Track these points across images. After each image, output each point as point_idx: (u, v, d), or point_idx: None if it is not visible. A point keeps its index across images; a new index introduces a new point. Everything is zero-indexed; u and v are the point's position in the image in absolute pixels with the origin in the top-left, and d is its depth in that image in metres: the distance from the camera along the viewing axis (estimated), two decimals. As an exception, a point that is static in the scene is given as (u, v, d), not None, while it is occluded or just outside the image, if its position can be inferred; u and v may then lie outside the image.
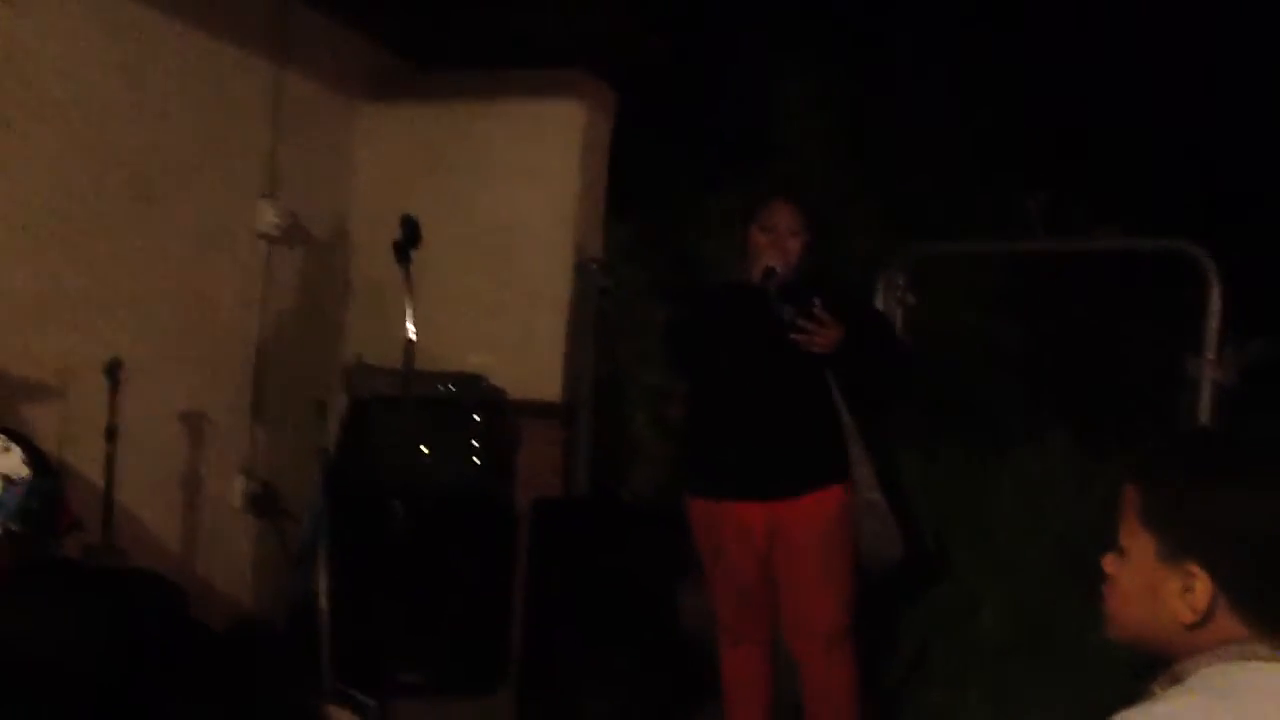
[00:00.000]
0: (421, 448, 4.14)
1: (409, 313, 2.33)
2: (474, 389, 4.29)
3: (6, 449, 2.48)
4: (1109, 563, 1.29)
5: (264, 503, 4.21)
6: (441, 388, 4.21)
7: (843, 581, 3.15)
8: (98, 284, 3.64)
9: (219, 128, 4.03)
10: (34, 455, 2.52)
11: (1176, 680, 1.21)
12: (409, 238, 2.37)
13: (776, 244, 3.16)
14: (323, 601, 3.75)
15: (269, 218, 4.14)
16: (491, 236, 4.51)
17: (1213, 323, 3.26)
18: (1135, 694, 3.20)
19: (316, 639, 3.73)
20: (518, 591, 4.12)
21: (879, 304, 4.21)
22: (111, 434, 3.33)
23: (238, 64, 4.07)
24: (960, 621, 3.63)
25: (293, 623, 4.09)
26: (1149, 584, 1.24)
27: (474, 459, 4.22)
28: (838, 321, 3.05)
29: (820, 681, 3.20)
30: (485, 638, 4.17)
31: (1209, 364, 3.24)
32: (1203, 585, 1.20)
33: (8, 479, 2.45)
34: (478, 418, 4.25)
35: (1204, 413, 3.24)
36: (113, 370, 3.36)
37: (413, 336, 2.33)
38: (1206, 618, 1.20)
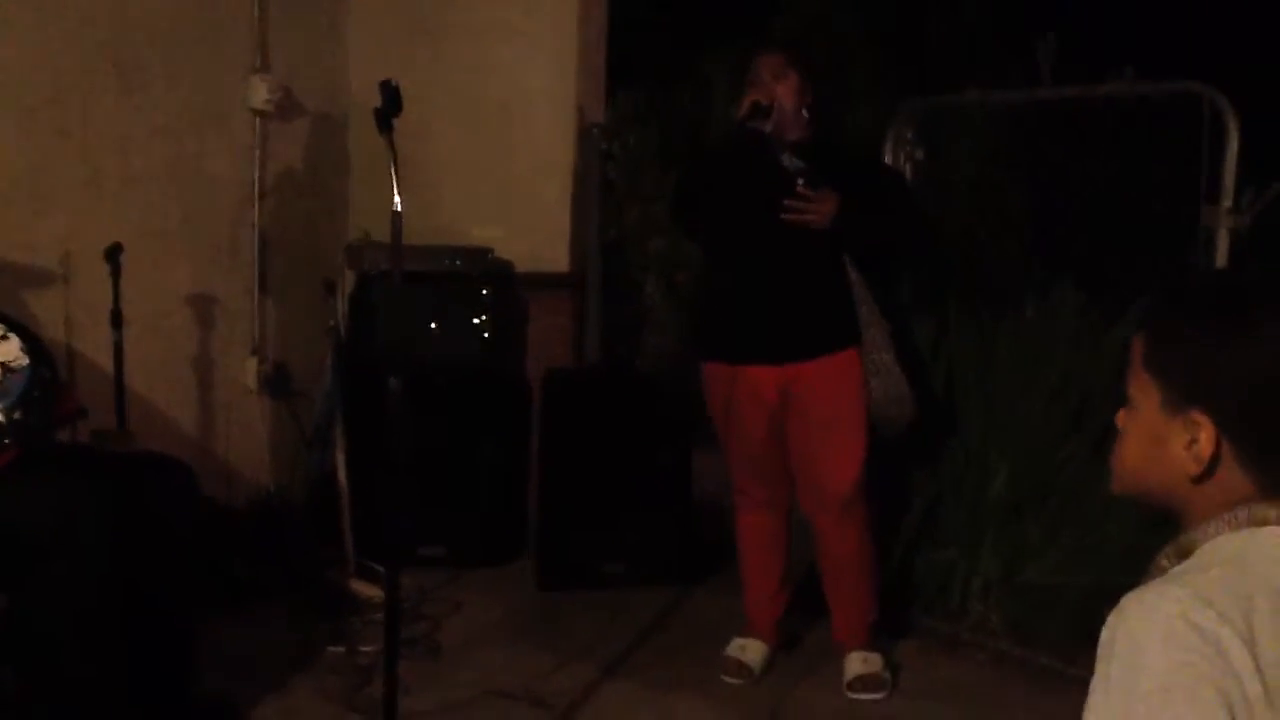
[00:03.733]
0: (431, 323, 4.14)
1: (394, 184, 2.28)
2: (481, 262, 4.26)
3: (4, 337, 2.48)
4: (1120, 417, 1.26)
5: (277, 382, 4.24)
6: (448, 262, 4.18)
7: (855, 443, 3.15)
8: (93, 169, 3.60)
9: (205, 3, 3.92)
10: (32, 343, 2.51)
11: (1184, 552, 1.18)
12: (389, 104, 2.31)
13: (762, 91, 3.08)
14: (341, 478, 3.80)
15: (262, 93, 4.05)
16: (492, 106, 4.41)
17: (1229, 169, 3.17)
18: (1141, 546, 3.22)
19: (336, 515, 3.81)
20: (532, 462, 4.16)
21: (887, 159, 4.12)
22: (117, 319, 3.33)
23: (221, -65, 3.94)
24: (970, 479, 3.64)
25: (312, 500, 4.16)
26: (1154, 434, 1.21)
27: (483, 333, 4.22)
28: (832, 192, 3.01)
29: (835, 542, 3.24)
30: (502, 509, 4.23)
31: (1225, 212, 3.16)
32: (1206, 434, 1.16)
33: (6, 367, 2.45)
34: (486, 291, 4.22)
35: (1220, 263, 3.17)
36: (113, 255, 3.34)
37: (398, 208, 2.28)
38: (1211, 469, 1.17)
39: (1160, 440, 1.20)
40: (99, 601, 2.40)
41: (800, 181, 3.04)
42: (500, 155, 4.42)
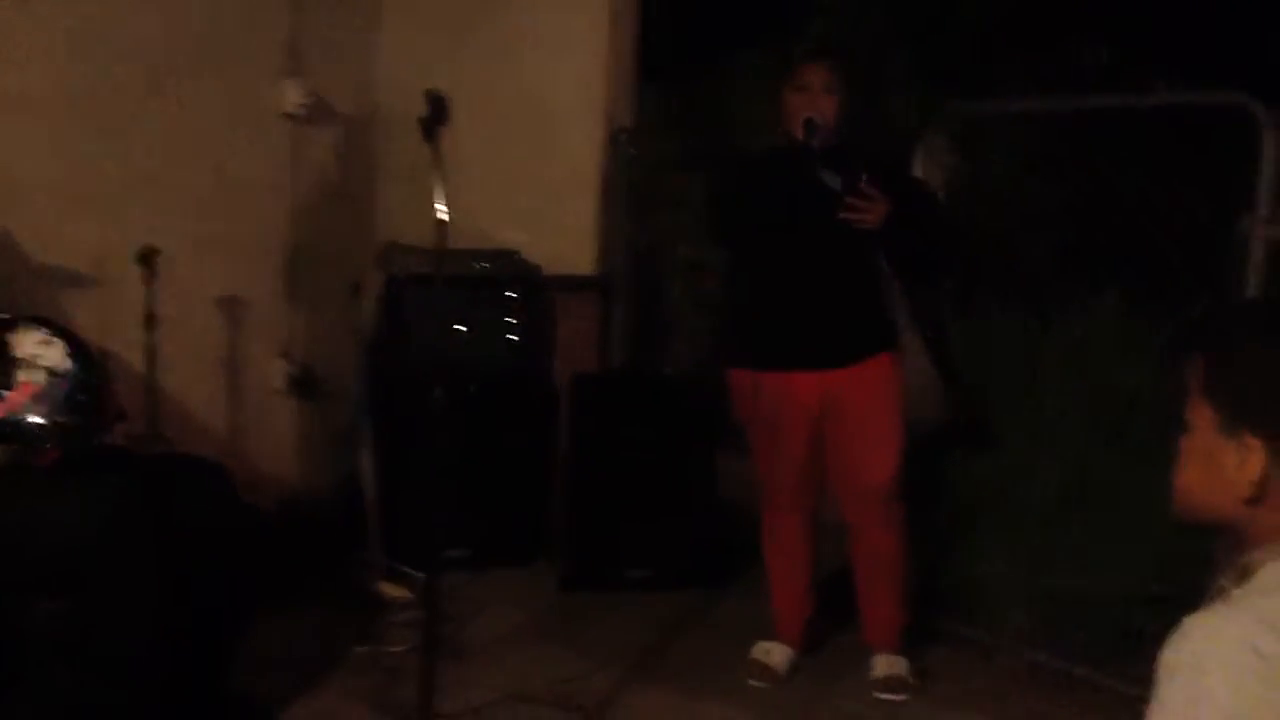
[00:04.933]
0: (458, 327, 4.15)
1: (439, 192, 2.29)
2: (509, 266, 4.27)
3: (49, 342, 2.50)
4: (1182, 441, 1.27)
5: (305, 385, 4.26)
6: (476, 265, 4.19)
7: (895, 443, 3.18)
8: (127, 172, 3.63)
9: (238, 7, 3.94)
10: (77, 347, 2.53)
11: (1245, 574, 1.19)
12: (436, 114, 2.32)
13: (810, 102, 3.09)
14: (369, 481, 3.82)
15: (293, 98, 4.08)
16: (522, 110, 4.42)
17: (1266, 178, 3.15)
18: (1177, 555, 3.20)
19: (364, 517, 3.82)
20: (559, 465, 4.17)
21: (920, 167, 4.11)
22: (150, 322, 3.36)
23: (253, -60, 3.96)
24: (1007, 485, 3.62)
25: (340, 501, 4.18)
26: (1210, 458, 1.22)
27: (511, 336, 4.23)
28: (884, 196, 3.01)
29: (872, 542, 3.26)
30: (527, 511, 4.23)
31: (1262, 221, 3.14)
32: (1257, 457, 1.17)
33: (52, 372, 2.47)
34: (513, 295, 4.23)
35: (1255, 272, 3.16)
36: (147, 258, 3.37)
37: (444, 216, 2.29)
38: (1264, 491, 1.18)
39: (1215, 463, 1.21)
40: (139, 602, 2.42)
41: (862, 177, 3.01)
42: (528, 158, 4.43)
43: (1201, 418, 1.23)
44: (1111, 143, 3.69)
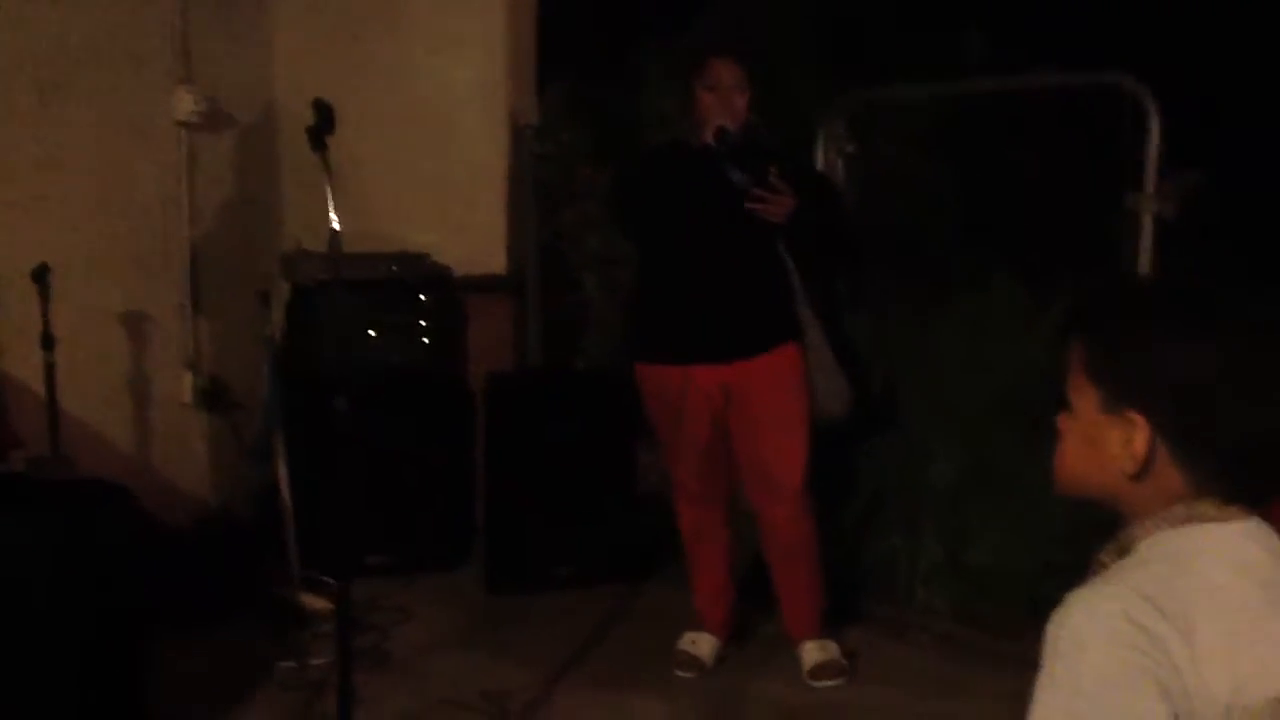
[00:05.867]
0: (369, 332, 4.11)
1: (330, 201, 2.27)
2: (418, 268, 4.24)
3: (-63, 370, 2.43)
4: (1061, 421, 1.30)
5: (214, 397, 4.18)
6: (385, 269, 4.16)
7: (801, 435, 3.20)
8: (15, 188, 3.53)
9: (126, 15, 3.85)
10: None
11: (1124, 550, 1.22)
12: (322, 123, 2.29)
13: (723, 101, 3.10)
14: (284, 491, 3.77)
15: (187, 105, 3.98)
16: (423, 110, 4.39)
17: (1152, 156, 3.25)
18: (1079, 526, 3.30)
19: (281, 528, 3.77)
20: (478, 466, 4.16)
21: (820, 154, 4.16)
22: (48, 341, 3.27)
23: (139, -55, 3.87)
24: (911, 467, 3.70)
25: (256, 514, 4.11)
26: (1093, 436, 1.24)
27: (423, 339, 4.20)
28: (790, 190, 3.03)
29: (784, 534, 3.28)
30: (449, 514, 4.22)
31: (1149, 198, 3.24)
32: (1142, 433, 1.20)
33: (-60, 401, 2.41)
34: (424, 297, 4.21)
35: (1146, 247, 3.26)
36: (40, 275, 3.27)
37: (336, 226, 2.27)
38: (1147, 468, 1.21)
39: (1098, 441, 1.24)
40: (46, 632, 2.37)
41: (771, 170, 3.03)
42: (433, 159, 4.40)
43: (1084, 397, 1.26)
44: (1001, 127, 3.78)
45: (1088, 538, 3.18)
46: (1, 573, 2.32)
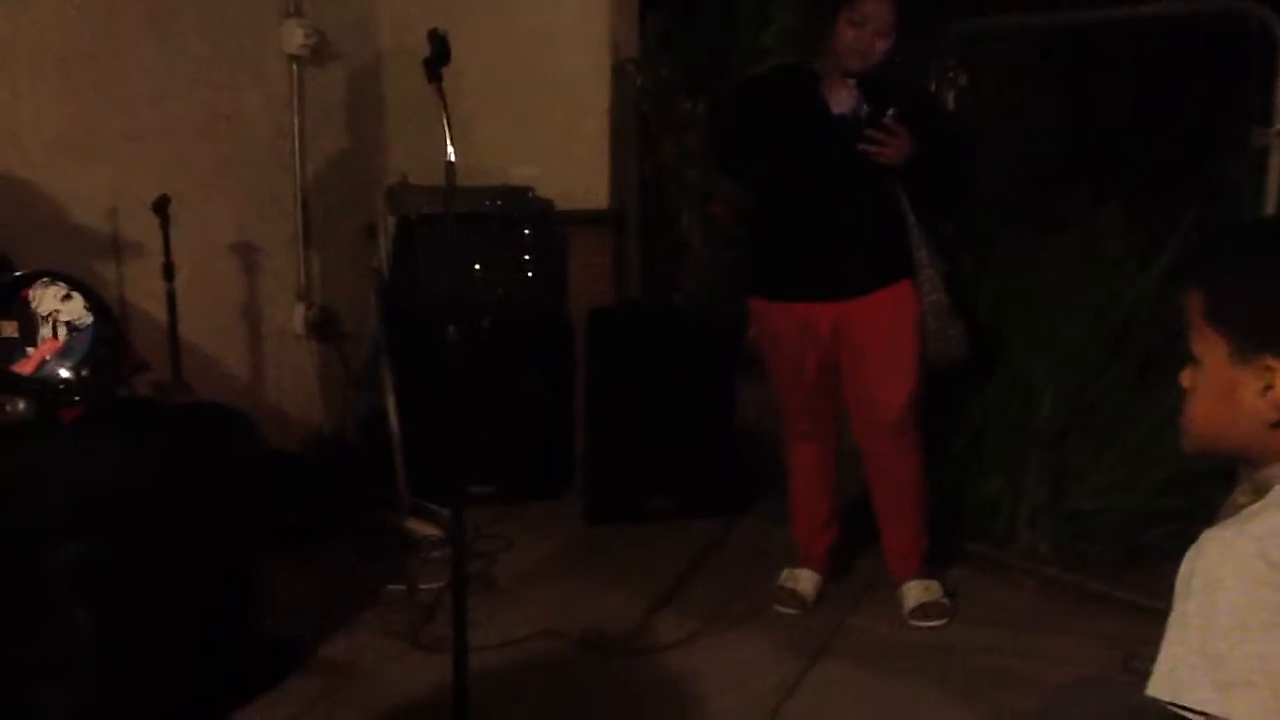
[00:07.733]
0: (474, 265, 4.16)
1: (447, 133, 2.28)
2: (521, 203, 4.27)
3: (68, 296, 2.53)
4: (1185, 376, 1.26)
5: (324, 327, 4.29)
6: (488, 203, 4.19)
7: (909, 373, 3.17)
8: (133, 122, 3.62)
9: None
10: (95, 301, 2.56)
11: (1260, 489, 1.20)
12: (438, 54, 2.29)
13: (864, 41, 2.99)
14: (392, 421, 3.86)
15: (297, 38, 4.04)
16: (525, 45, 4.38)
17: (1279, 90, 3.11)
18: (1185, 469, 3.22)
19: (389, 456, 3.87)
20: (578, 399, 4.20)
21: (931, 85, 4.05)
22: (169, 271, 3.36)
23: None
24: (1016, 407, 3.64)
25: (364, 441, 4.23)
26: (1225, 387, 1.21)
27: (526, 273, 4.24)
28: (909, 133, 2.97)
29: (891, 469, 3.26)
30: (550, 446, 4.28)
31: (1276, 134, 3.11)
32: None
33: (73, 326, 2.51)
34: (526, 231, 4.24)
35: (1273, 185, 3.13)
36: (161, 207, 3.36)
37: (452, 158, 2.29)
38: None
39: (1232, 392, 1.21)
40: (166, 548, 2.47)
41: (889, 112, 2.98)
42: (535, 93, 4.40)
43: (1211, 348, 1.22)
44: (1115, 58, 3.64)
45: (1194, 483, 3.12)
46: (129, 489, 2.42)
